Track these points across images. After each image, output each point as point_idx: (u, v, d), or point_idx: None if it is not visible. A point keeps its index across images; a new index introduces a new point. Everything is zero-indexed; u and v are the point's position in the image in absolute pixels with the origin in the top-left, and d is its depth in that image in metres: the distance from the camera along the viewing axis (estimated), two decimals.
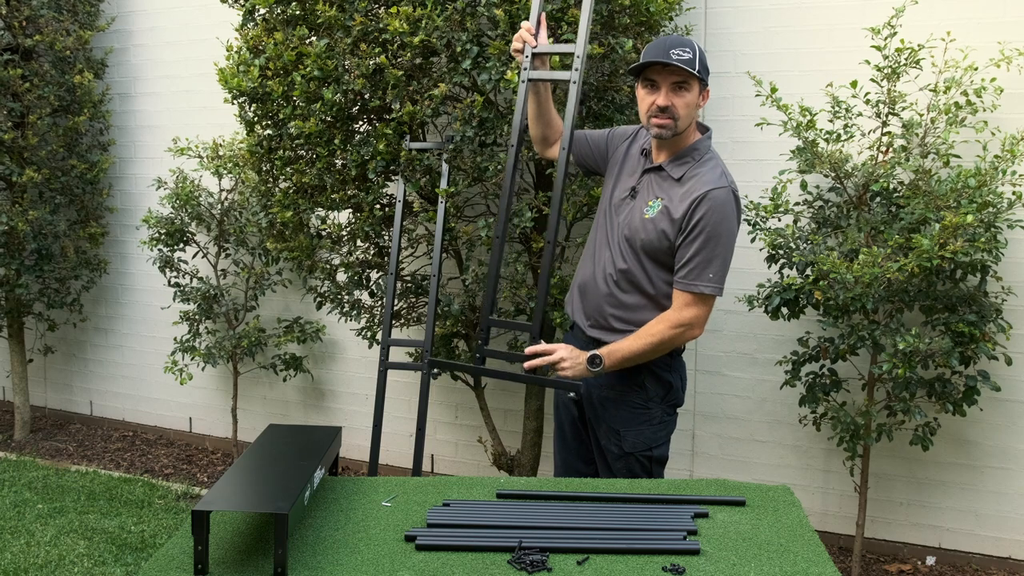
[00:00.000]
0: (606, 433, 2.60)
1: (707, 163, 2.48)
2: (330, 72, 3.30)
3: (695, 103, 2.45)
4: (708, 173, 2.45)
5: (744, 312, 3.61)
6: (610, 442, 2.59)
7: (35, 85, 4.70)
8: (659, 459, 2.62)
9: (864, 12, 3.42)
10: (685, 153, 2.50)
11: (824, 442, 3.67)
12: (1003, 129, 3.13)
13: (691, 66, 2.38)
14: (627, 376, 2.55)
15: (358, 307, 3.81)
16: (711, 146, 2.55)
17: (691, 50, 2.39)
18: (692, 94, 2.43)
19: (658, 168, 2.52)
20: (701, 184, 2.43)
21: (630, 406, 2.56)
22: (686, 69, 2.37)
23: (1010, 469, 3.44)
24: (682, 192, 2.45)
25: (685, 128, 2.46)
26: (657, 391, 2.57)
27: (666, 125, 2.44)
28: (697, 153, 2.50)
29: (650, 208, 2.49)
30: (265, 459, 2.00)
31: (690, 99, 2.42)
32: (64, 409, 5.68)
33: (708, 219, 2.40)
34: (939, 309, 3.13)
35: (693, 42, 2.43)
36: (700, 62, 2.41)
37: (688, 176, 2.47)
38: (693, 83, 2.42)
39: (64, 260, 5.00)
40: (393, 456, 4.53)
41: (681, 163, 2.49)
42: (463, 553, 1.74)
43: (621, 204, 2.57)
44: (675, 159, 2.50)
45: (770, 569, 1.69)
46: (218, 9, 4.33)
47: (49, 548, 3.63)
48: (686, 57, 2.38)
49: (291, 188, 3.63)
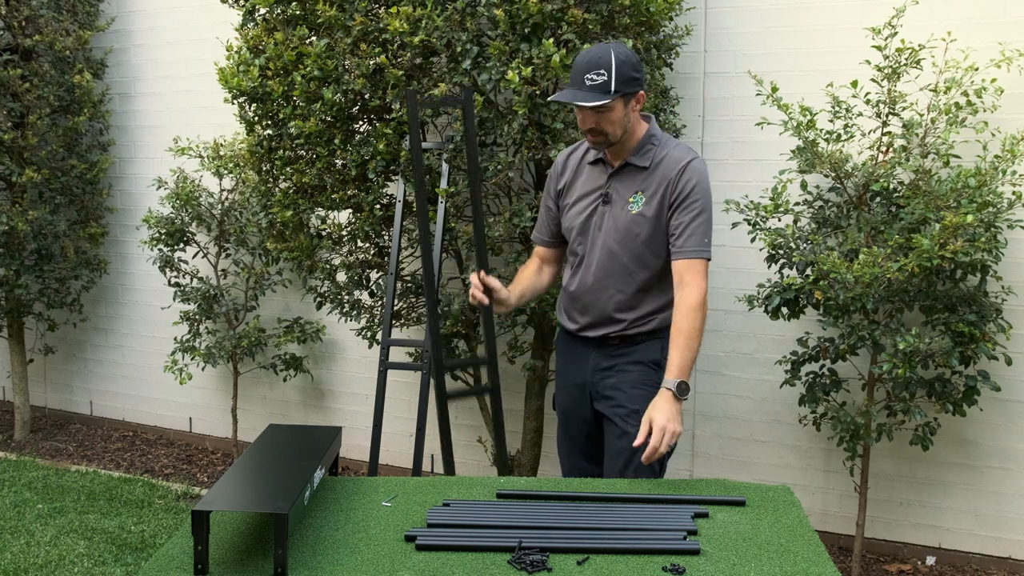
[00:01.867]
0: (623, 417, 2.54)
1: (668, 144, 2.54)
2: (330, 72, 3.30)
3: (621, 116, 2.44)
4: (675, 150, 2.52)
5: (744, 312, 3.61)
6: (627, 424, 2.51)
7: (35, 85, 4.70)
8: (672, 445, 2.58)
9: (864, 12, 3.42)
10: (643, 143, 2.53)
11: (824, 442, 3.67)
12: (1003, 129, 3.13)
13: (604, 90, 2.38)
14: (644, 357, 2.56)
15: (358, 307, 3.81)
16: (659, 129, 2.60)
17: (605, 71, 2.38)
18: (615, 111, 2.42)
19: (623, 166, 2.54)
20: (676, 159, 2.49)
21: (648, 385, 2.52)
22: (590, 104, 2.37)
23: (1010, 469, 3.44)
24: (658, 174, 2.49)
25: (620, 136, 2.48)
26: None
27: (598, 141, 2.49)
28: (655, 139, 2.54)
29: (634, 203, 2.51)
30: (265, 459, 2.00)
31: (614, 116, 2.43)
32: (64, 409, 5.68)
33: (696, 185, 2.46)
34: (939, 309, 3.13)
35: (609, 57, 2.39)
36: (618, 79, 2.38)
37: (656, 159, 2.51)
38: (614, 103, 2.41)
39: (64, 260, 5.00)
40: (393, 456, 4.52)
41: (644, 153, 2.52)
42: (463, 553, 1.74)
43: (593, 214, 2.56)
44: (636, 152, 2.53)
45: (770, 569, 1.69)
46: (218, 9, 4.33)
47: (49, 548, 3.63)
48: (599, 81, 2.38)
49: (291, 188, 3.63)
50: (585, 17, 3.06)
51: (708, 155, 3.77)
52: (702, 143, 3.78)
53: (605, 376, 2.60)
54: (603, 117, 2.43)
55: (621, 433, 2.53)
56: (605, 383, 2.60)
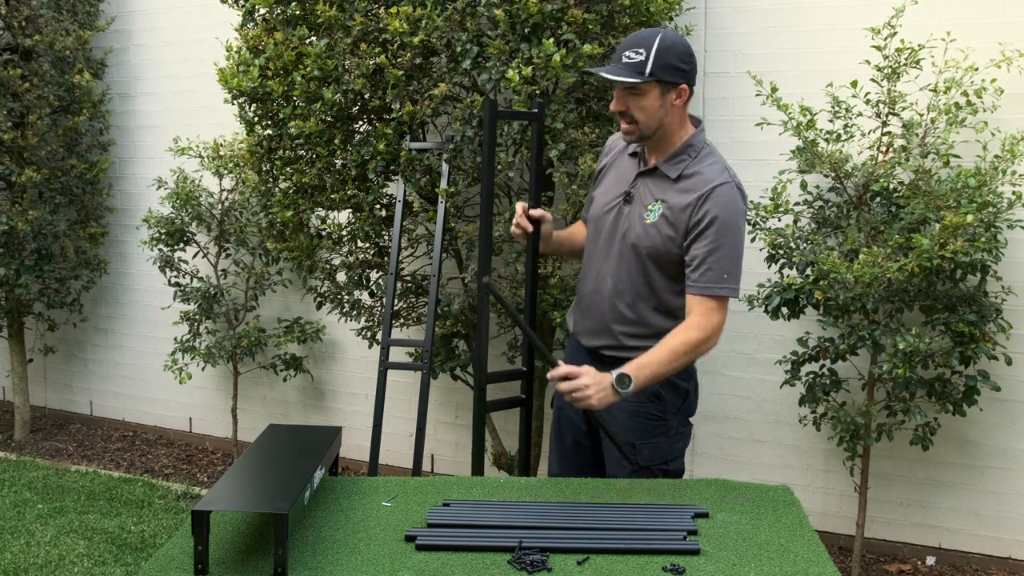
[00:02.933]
0: (620, 449, 2.44)
1: (705, 159, 2.32)
2: (330, 72, 3.30)
3: (656, 105, 2.26)
4: (708, 169, 2.30)
5: (744, 312, 3.61)
6: (623, 457, 2.43)
7: (35, 85, 4.70)
8: (675, 473, 2.48)
9: (864, 12, 3.42)
10: (679, 151, 2.33)
11: (824, 442, 3.67)
12: (1003, 129, 3.13)
13: (638, 70, 2.21)
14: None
15: (358, 307, 3.81)
16: (706, 140, 2.38)
17: (644, 50, 2.22)
18: (647, 98, 2.25)
19: (652, 170, 2.36)
20: (703, 182, 2.28)
21: (646, 417, 2.42)
22: (621, 80, 2.22)
23: (1010, 469, 3.44)
24: (682, 192, 2.29)
25: (653, 130, 2.30)
26: (675, 401, 2.45)
27: (628, 130, 2.31)
28: (692, 150, 2.33)
29: (650, 212, 2.34)
30: (265, 459, 2.00)
31: (646, 103, 2.25)
32: (64, 409, 5.68)
33: (716, 215, 2.24)
34: (939, 309, 3.13)
35: (653, 39, 2.23)
36: (656, 62, 2.21)
37: (686, 175, 2.31)
38: (647, 87, 2.24)
39: (64, 260, 5.00)
40: (393, 456, 4.52)
41: (676, 162, 2.33)
42: (463, 553, 1.74)
43: (613, 211, 2.43)
44: (669, 159, 2.34)
45: (770, 569, 1.69)
46: (218, 9, 4.32)
47: (49, 548, 3.63)
48: (636, 60, 2.22)
49: (291, 188, 3.63)
50: (585, 17, 3.06)
51: None
52: None
53: None
54: (634, 101, 2.26)
55: (617, 465, 2.45)
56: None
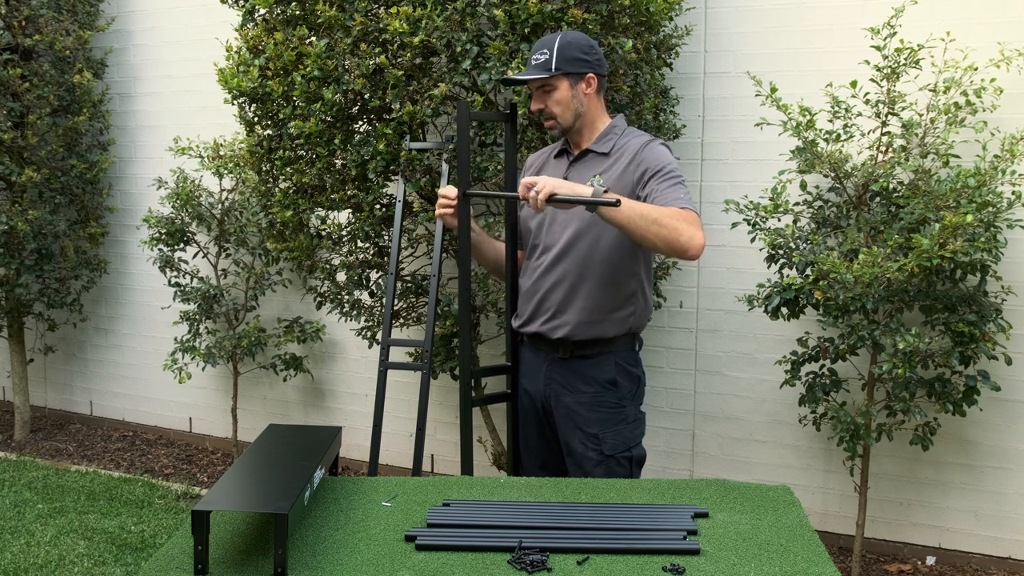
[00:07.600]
0: (582, 440, 2.55)
1: (630, 133, 2.54)
2: (330, 72, 3.30)
3: (568, 96, 2.48)
4: (635, 138, 2.51)
5: (744, 312, 3.61)
6: (587, 448, 2.54)
7: (35, 85, 4.70)
8: (638, 460, 2.59)
9: (864, 12, 3.42)
10: (605, 132, 2.54)
11: (824, 442, 3.67)
12: (1003, 129, 3.13)
13: (545, 68, 2.45)
14: (598, 376, 2.53)
15: (358, 307, 3.81)
16: (626, 124, 2.60)
17: (548, 50, 2.46)
18: (559, 91, 2.47)
19: (583, 154, 2.55)
20: (634, 145, 2.48)
21: (605, 407, 2.54)
22: (531, 78, 2.47)
23: (1010, 469, 3.44)
24: (618, 160, 2.48)
25: (571, 121, 2.50)
26: (629, 387, 2.57)
27: (550, 125, 2.53)
28: (617, 129, 2.55)
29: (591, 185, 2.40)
30: (265, 459, 2.00)
31: (559, 96, 2.48)
32: (64, 409, 5.68)
33: (662, 157, 2.43)
34: (939, 309, 3.13)
35: (555, 39, 2.48)
36: (559, 58, 2.45)
37: (618, 146, 2.51)
38: (556, 82, 2.47)
39: (64, 260, 5.00)
40: (393, 456, 4.53)
41: (605, 141, 2.53)
42: (463, 553, 1.74)
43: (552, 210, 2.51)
44: (598, 140, 2.54)
45: (770, 569, 1.69)
46: (218, 9, 4.33)
47: (49, 548, 3.63)
48: (542, 60, 2.46)
49: (291, 188, 3.63)
50: (585, 17, 3.06)
51: (708, 155, 3.77)
52: (702, 143, 3.78)
53: (561, 393, 2.58)
54: (549, 97, 2.49)
55: (582, 457, 2.55)
56: (561, 401, 2.58)
